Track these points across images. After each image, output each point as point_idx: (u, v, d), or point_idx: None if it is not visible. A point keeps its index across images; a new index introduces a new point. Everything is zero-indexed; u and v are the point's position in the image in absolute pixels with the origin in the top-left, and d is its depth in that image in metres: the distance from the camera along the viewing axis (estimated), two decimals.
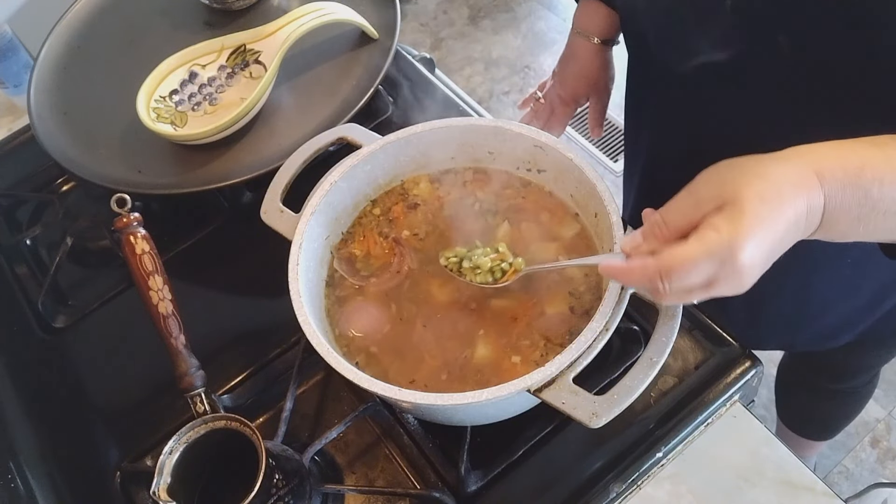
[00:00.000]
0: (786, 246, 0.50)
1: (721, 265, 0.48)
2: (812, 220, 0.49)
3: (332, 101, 0.94)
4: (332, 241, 0.75)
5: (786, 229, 0.48)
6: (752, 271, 0.48)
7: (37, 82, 1.03)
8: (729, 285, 0.49)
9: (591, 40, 0.89)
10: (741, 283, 0.49)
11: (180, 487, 0.61)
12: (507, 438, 0.72)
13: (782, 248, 0.50)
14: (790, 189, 0.48)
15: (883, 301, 0.83)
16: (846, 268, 0.77)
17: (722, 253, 0.48)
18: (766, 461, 0.69)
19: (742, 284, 0.49)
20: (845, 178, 0.49)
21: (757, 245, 0.47)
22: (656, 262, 0.50)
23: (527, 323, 0.68)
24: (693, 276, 0.49)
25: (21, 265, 0.96)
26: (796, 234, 0.50)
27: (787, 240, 0.49)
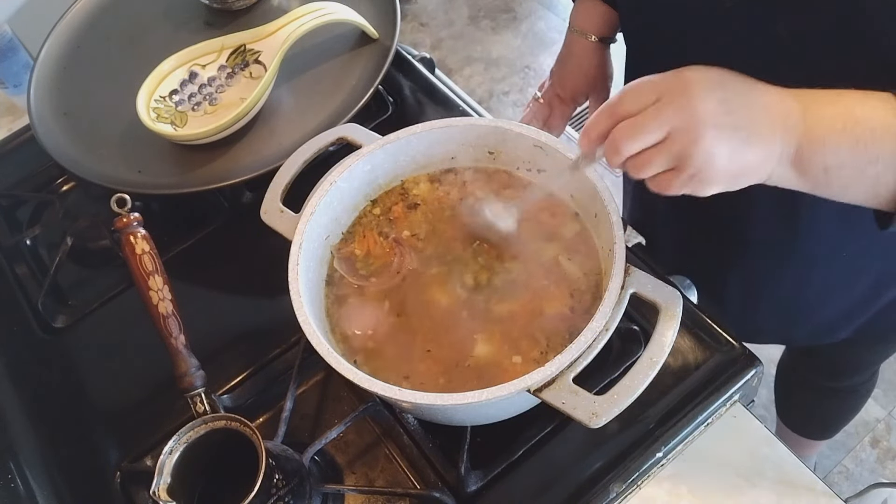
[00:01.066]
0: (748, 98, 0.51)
1: (668, 79, 0.50)
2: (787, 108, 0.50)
3: (332, 101, 0.94)
4: (332, 241, 0.75)
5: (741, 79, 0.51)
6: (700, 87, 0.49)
7: (37, 82, 1.03)
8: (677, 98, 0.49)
9: (589, 38, 0.89)
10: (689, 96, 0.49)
11: (180, 487, 0.61)
12: (507, 438, 0.72)
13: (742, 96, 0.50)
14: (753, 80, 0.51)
15: (879, 296, 0.83)
16: (842, 262, 0.77)
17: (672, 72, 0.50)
18: (766, 461, 0.69)
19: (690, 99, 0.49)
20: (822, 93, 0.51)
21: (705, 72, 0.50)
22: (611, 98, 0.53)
23: (527, 323, 0.68)
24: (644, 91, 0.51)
25: (21, 265, 0.96)
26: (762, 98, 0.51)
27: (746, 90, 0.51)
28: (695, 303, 0.79)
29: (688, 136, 0.49)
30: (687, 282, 0.82)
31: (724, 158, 0.50)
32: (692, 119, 0.49)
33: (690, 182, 0.52)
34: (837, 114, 0.50)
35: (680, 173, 0.51)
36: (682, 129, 0.49)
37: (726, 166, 0.50)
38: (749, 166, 0.51)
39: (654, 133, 0.50)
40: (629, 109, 0.51)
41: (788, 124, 0.51)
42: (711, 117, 0.49)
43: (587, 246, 0.71)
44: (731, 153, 0.50)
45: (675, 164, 0.51)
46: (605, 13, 0.87)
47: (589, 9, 0.88)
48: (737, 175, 0.52)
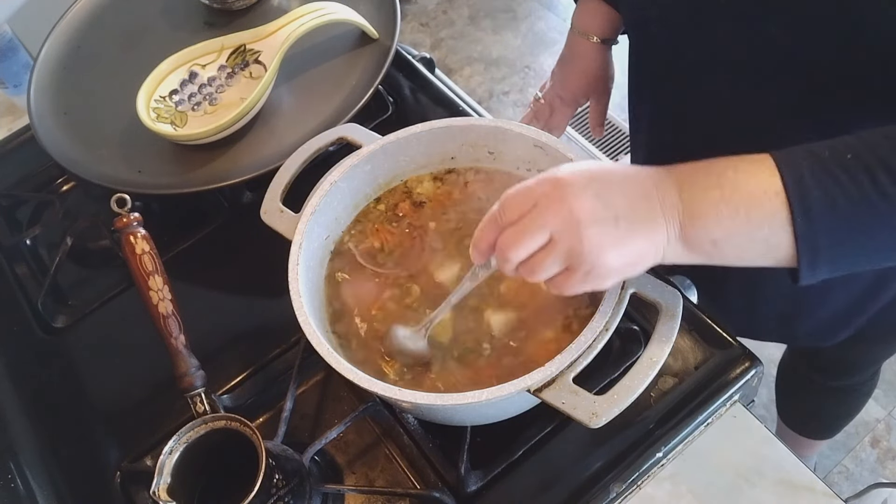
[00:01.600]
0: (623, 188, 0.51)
1: (541, 184, 0.52)
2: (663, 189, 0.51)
3: (332, 101, 0.94)
4: (332, 241, 0.75)
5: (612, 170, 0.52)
6: (572, 186, 0.50)
7: (37, 82, 1.03)
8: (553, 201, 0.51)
9: (591, 40, 0.89)
10: (563, 196, 0.50)
11: (180, 487, 0.61)
12: (507, 438, 0.72)
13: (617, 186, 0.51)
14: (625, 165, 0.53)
15: (877, 296, 0.83)
16: None
17: (543, 175, 0.52)
18: (766, 461, 0.69)
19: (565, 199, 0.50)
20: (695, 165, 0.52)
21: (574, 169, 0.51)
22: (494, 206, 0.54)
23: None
24: (519, 199, 0.52)
25: (21, 265, 0.96)
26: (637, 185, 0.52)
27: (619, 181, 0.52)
28: (695, 303, 0.79)
29: (570, 236, 0.51)
30: (687, 282, 0.82)
31: (611, 250, 0.51)
32: (570, 217, 0.50)
33: (587, 279, 0.53)
34: (712, 184, 0.51)
35: (574, 272, 0.53)
36: (564, 229, 0.51)
37: (616, 258, 0.51)
38: (639, 253, 0.52)
39: (536, 236, 0.52)
40: (510, 218, 0.53)
41: (667, 205, 0.51)
42: (589, 214, 0.50)
43: None
44: (618, 244, 0.51)
45: (566, 263, 0.52)
46: (607, 14, 0.87)
47: (591, 10, 0.88)
48: (631, 264, 0.53)
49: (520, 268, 0.54)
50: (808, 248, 0.50)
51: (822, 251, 0.50)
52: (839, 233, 0.49)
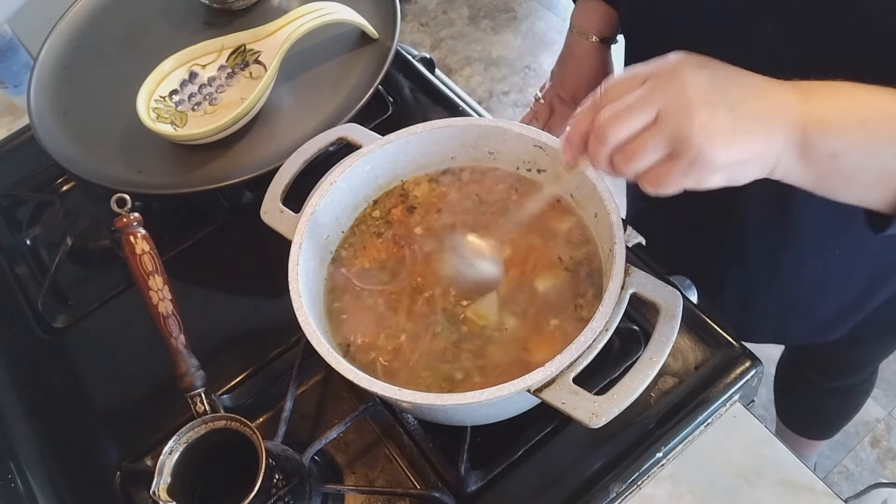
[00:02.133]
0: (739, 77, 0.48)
1: (653, 65, 0.47)
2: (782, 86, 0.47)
3: (332, 101, 0.94)
4: (332, 242, 0.75)
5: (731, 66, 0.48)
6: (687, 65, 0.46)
7: (37, 82, 1.03)
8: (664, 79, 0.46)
9: (590, 39, 0.89)
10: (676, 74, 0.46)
11: (180, 487, 0.61)
12: (507, 438, 0.72)
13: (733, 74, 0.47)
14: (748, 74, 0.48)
15: (871, 297, 0.83)
16: (833, 261, 0.77)
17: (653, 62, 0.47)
18: (766, 461, 0.69)
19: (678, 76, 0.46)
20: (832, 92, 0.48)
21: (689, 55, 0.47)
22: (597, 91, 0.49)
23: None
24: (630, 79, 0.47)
25: (21, 265, 0.96)
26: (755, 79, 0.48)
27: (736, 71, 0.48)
28: (695, 303, 0.79)
29: (681, 114, 0.45)
30: (687, 282, 0.82)
31: (723, 141, 0.45)
32: (683, 96, 0.45)
33: (691, 170, 0.47)
34: (839, 97, 0.47)
35: (678, 160, 0.46)
36: (674, 107, 0.45)
37: (727, 151, 0.46)
38: (752, 150, 0.47)
39: (642, 114, 0.46)
40: (613, 99, 0.48)
41: (787, 107, 0.47)
42: (704, 94, 0.45)
43: (587, 245, 0.71)
44: (732, 135, 0.45)
45: (670, 148, 0.46)
46: (606, 13, 0.87)
47: (590, 9, 0.88)
48: (741, 162, 0.47)
49: (616, 155, 0.48)
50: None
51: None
52: None
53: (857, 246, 0.75)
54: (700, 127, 0.44)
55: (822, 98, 0.47)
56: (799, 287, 0.83)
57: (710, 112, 0.45)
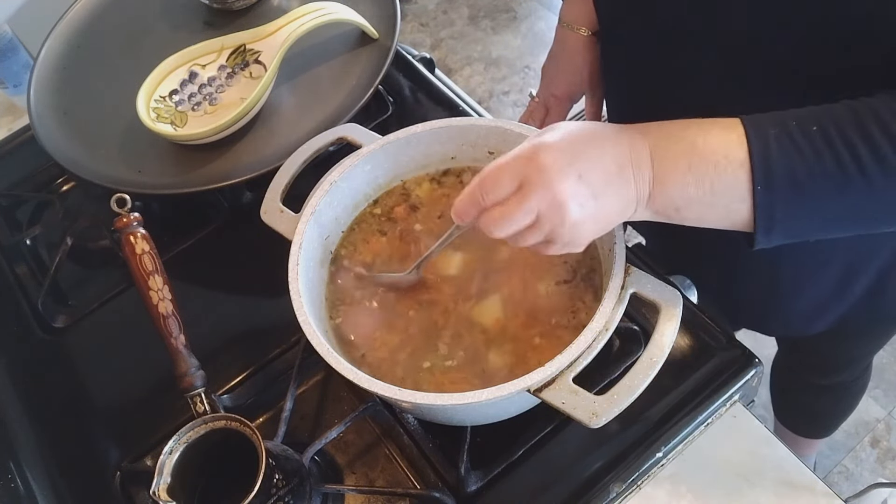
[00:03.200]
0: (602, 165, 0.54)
1: (524, 165, 0.53)
2: (638, 160, 0.54)
3: (332, 101, 0.94)
4: (332, 242, 0.75)
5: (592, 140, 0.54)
6: (556, 169, 0.53)
7: (37, 82, 1.03)
8: (538, 186, 0.53)
9: (581, 33, 0.88)
10: (549, 182, 0.53)
11: (180, 487, 0.61)
12: (507, 438, 0.72)
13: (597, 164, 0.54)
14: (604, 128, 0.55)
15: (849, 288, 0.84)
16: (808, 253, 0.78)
17: (524, 154, 0.54)
18: (766, 461, 0.69)
19: (551, 185, 0.53)
20: (667, 128, 0.55)
21: (556, 147, 0.53)
22: (475, 179, 0.56)
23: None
24: (503, 179, 0.54)
25: (21, 265, 0.96)
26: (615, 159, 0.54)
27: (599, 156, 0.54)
28: (695, 303, 0.79)
29: (554, 218, 0.54)
30: (687, 282, 0.82)
31: (590, 225, 0.55)
32: (554, 202, 0.53)
33: (564, 248, 0.57)
34: (682, 152, 0.54)
35: (554, 244, 0.57)
36: (548, 212, 0.53)
37: (592, 230, 0.56)
38: (612, 221, 0.57)
39: (523, 220, 0.55)
40: (493, 199, 0.55)
41: (640, 176, 0.54)
42: (572, 196, 0.53)
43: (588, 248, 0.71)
44: (595, 218, 0.55)
45: (548, 238, 0.56)
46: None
47: (580, 3, 0.88)
48: (603, 230, 0.57)
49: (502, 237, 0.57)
50: (765, 217, 0.53)
51: (778, 221, 0.53)
52: (796, 204, 0.52)
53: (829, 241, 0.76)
54: (571, 224, 0.54)
55: (668, 158, 0.54)
56: (780, 279, 0.84)
57: (578, 211, 0.53)
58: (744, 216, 0.54)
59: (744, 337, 0.82)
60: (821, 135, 0.51)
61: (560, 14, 0.91)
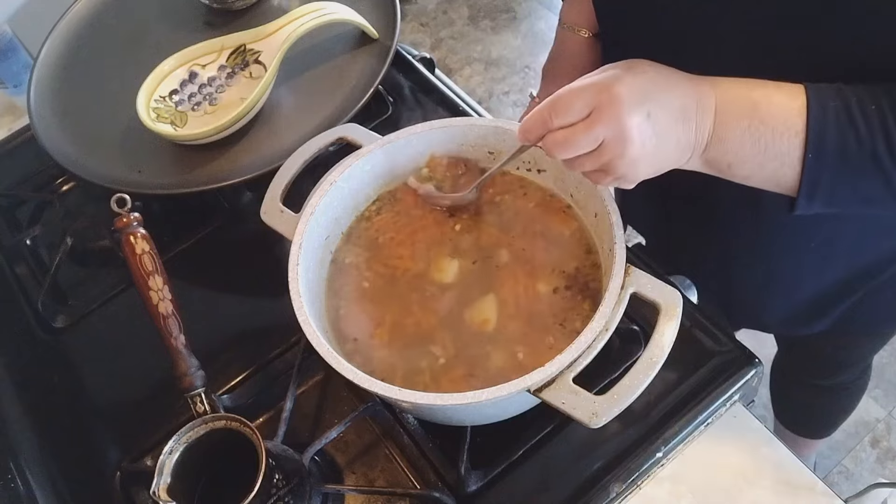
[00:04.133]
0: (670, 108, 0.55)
1: (598, 93, 0.54)
2: (703, 111, 0.56)
3: (332, 101, 0.94)
4: (332, 242, 0.75)
5: (667, 84, 0.56)
6: (629, 104, 0.54)
7: (37, 82, 1.03)
8: (608, 116, 0.54)
9: (582, 34, 0.88)
10: (619, 114, 0.54)
11: (180, 487, 0.61)
12: (507, 438, 0.72)
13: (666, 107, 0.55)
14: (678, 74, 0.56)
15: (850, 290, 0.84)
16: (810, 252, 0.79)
17: (600, 83, 0.55)
18: (766, 461, 0.69)
19: (620, 118, 0.54)
20: (736, 87, 0.56)
21: (632, 82, 0.54)
22: (547, 101, 0.56)
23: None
24: (576, 104, 0.55)
25: (21, 265, 0.96)
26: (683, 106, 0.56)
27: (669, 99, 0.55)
28: (695, 303, 0.79)
29: (616, 149, 0.55)
30: (687, 282, 0.82)
31: (645, 164, 0.57)
32: (621, 134, 0.54)
33: (616, 182, 0.59)
34: (744, 112, 0.55)
35: (607, 175, 0.58)
36: (611, 143, 0.55)
37: (647, 171, 0.58)
38: (667, 163, 0.58)
39: (586, 147, 0.56)
40: (562, 122, 0.56)
41: (702, 127, 0.56)
42: (637, 132, 0.54)
43: (586, 245, 0.71)
44: (652, 160, 0.56)
45: (604, 167, 0.58)
46: None
47: (580, 4, 0.88)
48: (657, 170, 0.59)
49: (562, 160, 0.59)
50: (810, 185, 0.55)
51: (822, 190, 0.56)
52: (843, 178, 0.55)
53: (831, 239, 0.77)
54: (628, 161, 0.56)
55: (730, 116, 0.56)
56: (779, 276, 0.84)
57: (639, 148, 0.55)
58: (790, 181, 0.56)
59: (744, 337, 0.82)
60: (878, 115, 0.53)
61: (560, 15, 0.91)
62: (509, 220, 0.75)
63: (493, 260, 0.72)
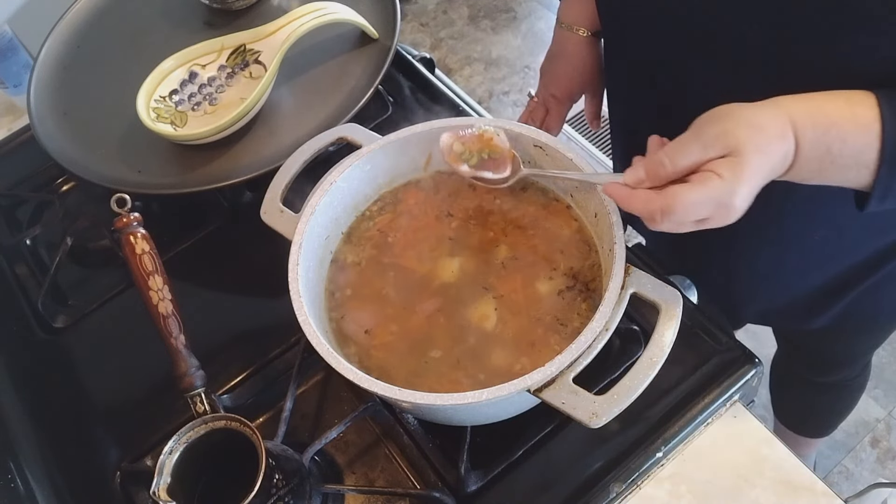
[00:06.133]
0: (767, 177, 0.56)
1: (717, 207, 0.55)
2: (785, 165, 0.56)
3: (332, 101, 0.94)
4: (332, 242, 0.75)
5: (770, 175, 0.56)
6: (742, 210, 0.55)
7: (37, 82, 1.03)
8: (719, 222, 0.56)
9: (580, 33, 0.88)
10: (730, 219, 0.56)
11: (180, 487, 0.61)
12: (507, 438, 0.72)
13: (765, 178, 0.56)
14: (777, 142, 0.55)
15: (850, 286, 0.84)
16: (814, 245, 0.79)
17: (721, 197, 0.54)
18: (766, 461, 0.69)
19: (730, 220, 0.56)
20: (814, 137, 0.55)
21: (749, 191, 0.55)
22: (661, 199, 0.55)
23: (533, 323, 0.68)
24: (691, 216, 0.55)
25: (21, 265, 0.96)
26: (773, 176, 0.57)
27: (767, 172, 0.56)
28: (695, 303, 0.79)
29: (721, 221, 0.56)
30: (687, 282, 0.82)
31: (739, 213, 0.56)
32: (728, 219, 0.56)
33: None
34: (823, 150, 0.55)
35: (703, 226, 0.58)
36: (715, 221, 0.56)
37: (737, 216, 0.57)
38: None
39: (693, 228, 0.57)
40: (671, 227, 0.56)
41: (786, 162, 0.56)
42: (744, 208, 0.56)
43: (587, 245, 0.71)
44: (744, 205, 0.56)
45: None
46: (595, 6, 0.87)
47: (578, 3, 0.87)
48: None
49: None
50: (882, 188, 0.56)
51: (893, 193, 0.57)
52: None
53: (836, 233, 0.77)
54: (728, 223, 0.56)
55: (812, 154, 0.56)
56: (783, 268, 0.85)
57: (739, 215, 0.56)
58: (863, 182, 0.57)
59: (744, 337, 0.82)
60: None
61: (558, 15, 0.91)
62: (509, 219, 0.75)
63: (494, 260, 0.72)
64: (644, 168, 0.57)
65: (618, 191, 0.58)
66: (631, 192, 0.57)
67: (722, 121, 0.55)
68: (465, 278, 0.72)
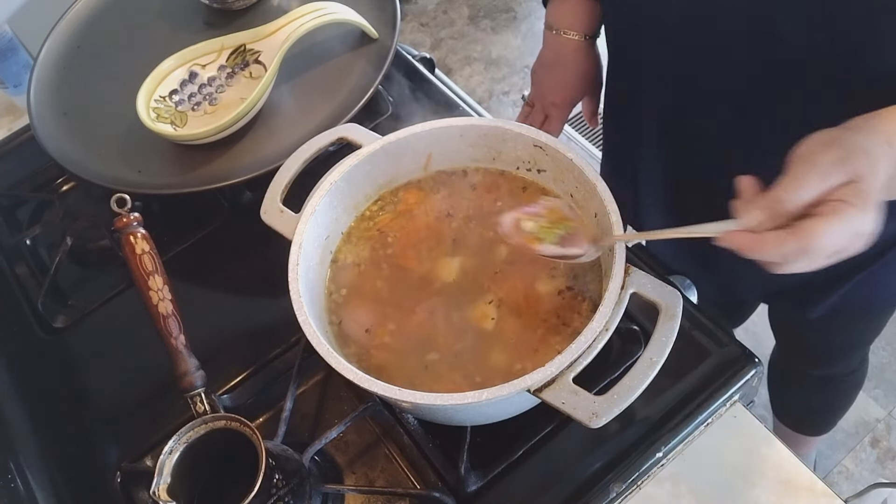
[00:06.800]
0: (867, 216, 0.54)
1: (854, 237, 0.51)
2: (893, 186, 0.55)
3: (332, 101, 0.94)
4: (332, 242, 0.75)
5: (886, 196, 0.53)
6: (873, 237, 0.52)
7: (37, 82, 1.03)
8: (852, 252, 0.52)
9: (573, 37, 0.88)
10: (862, 248, 0.52)
11: (180, 487, 0.61)
12: (507, 438, 0.72)
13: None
14: (885, 162, 0.53)
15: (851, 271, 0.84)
16: None
17: (857, 225, 0.51)
18: (766, 461, 0.69)
19: (862, 249, 0.52)
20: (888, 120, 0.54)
21: (877, 215, 0.52)
22: (796, 237, 0.51)
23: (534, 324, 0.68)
24: (829, 249, 0.51)
25: (21, 265, 0.96)
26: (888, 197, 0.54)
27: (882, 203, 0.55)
28: (695, 303, 0.79)
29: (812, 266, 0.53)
30: (687, 282, 0.82)
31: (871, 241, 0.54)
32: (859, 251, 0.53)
33: None
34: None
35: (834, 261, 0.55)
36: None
37: None
38: None
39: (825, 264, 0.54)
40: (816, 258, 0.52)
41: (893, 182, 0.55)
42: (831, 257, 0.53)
43: None
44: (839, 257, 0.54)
45: None
46: (591, 8, 0.86)
47: (573, 5, 0.87)
48: None
49: None
50: None
51: None
52: None
53: None
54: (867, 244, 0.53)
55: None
56: None
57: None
58: None
59: (744, 337, 0.82)
60: None
61: (547, 19, 0.89)
62: None
63: (494, 260, 0.72)
64: (760, 209, 0.52)
65: (742, 239, 0.52)
66: (757, 237, 0.52)
67: (832, 148, 0.52)
68: (465, 278, 0.72)
